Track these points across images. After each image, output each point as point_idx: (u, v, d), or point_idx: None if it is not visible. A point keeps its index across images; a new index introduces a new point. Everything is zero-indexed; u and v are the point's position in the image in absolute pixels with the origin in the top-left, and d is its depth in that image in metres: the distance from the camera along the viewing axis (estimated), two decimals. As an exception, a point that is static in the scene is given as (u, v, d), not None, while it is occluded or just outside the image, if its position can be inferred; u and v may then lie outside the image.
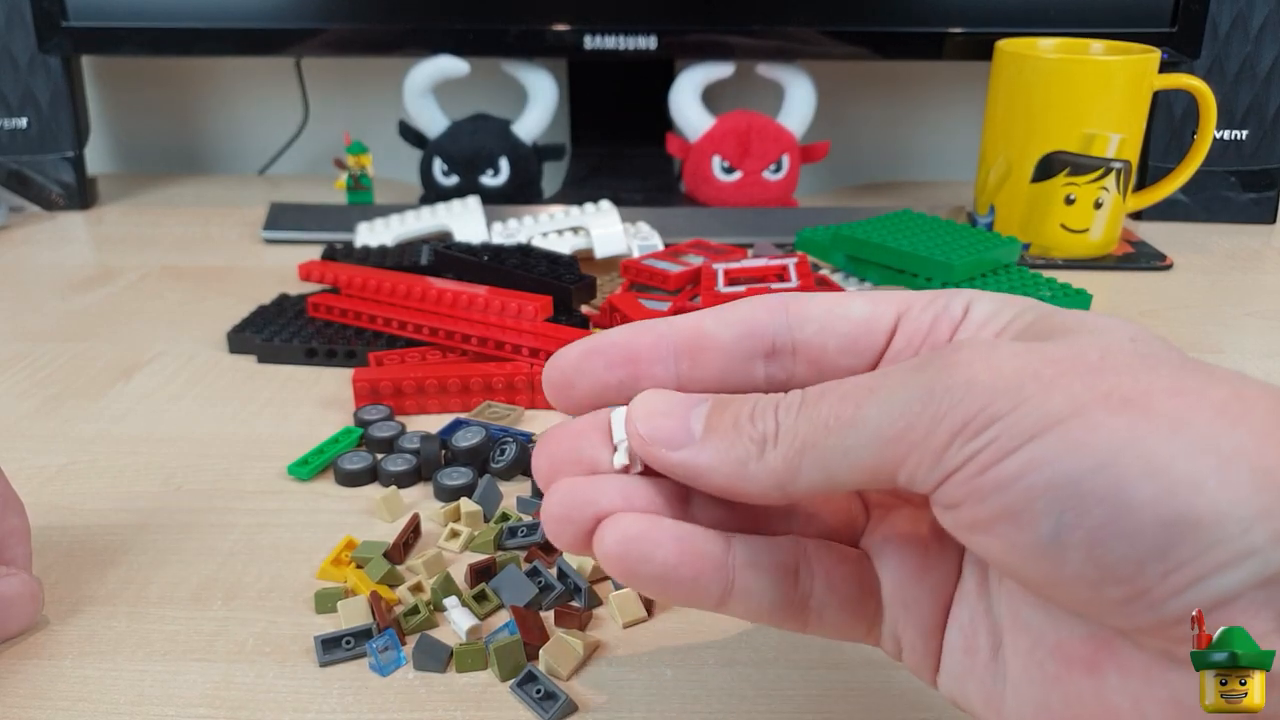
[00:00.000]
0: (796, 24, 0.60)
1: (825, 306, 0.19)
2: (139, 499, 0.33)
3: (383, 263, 0.48)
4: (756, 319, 0.19)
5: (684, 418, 0.18)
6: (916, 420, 0.15)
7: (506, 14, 0.60)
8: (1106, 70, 0.52)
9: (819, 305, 0.19)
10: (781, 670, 0.25)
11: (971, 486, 0.15)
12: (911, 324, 0.19)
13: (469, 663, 0.25)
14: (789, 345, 0.19)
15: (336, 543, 0.30)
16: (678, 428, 0.18)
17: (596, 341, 0.20)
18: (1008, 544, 0.15)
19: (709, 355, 0.19)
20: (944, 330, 0.18)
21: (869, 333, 0.19)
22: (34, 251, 0.59)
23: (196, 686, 0.25)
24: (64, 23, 0.59)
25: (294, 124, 0.75)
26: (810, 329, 0.19)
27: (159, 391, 0.41)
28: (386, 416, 0.37)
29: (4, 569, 0.26)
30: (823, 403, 0.17)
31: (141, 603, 0.28)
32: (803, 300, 0.20)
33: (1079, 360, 0.15)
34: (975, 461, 0.15)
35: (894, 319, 0.19)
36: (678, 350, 0.19)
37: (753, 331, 0.19)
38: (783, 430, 0.17)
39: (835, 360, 0.19)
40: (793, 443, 0.17)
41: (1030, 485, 0.14)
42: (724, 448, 0.17)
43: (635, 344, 0.19)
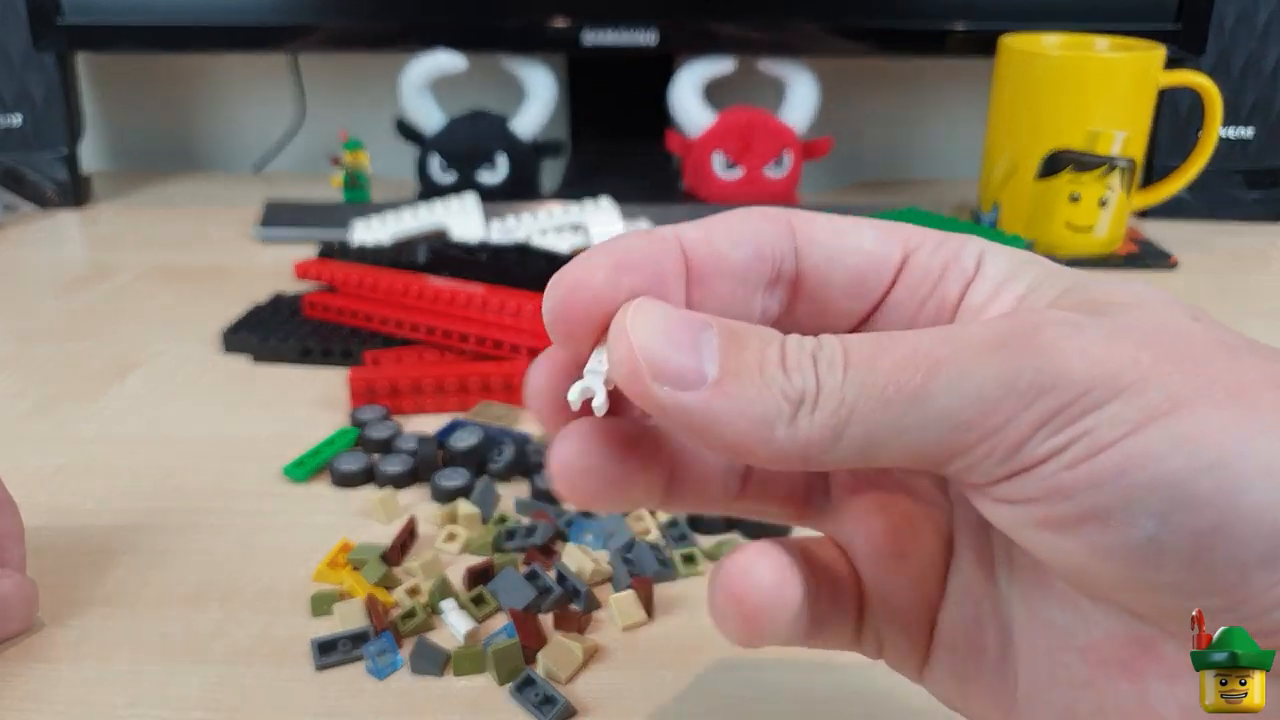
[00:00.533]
0: (799, 19, 0.59)
1: (833, 232, 0.17)
2: (134, 500, 0.33)
3: (379, 261, 0.48)
4: (764, 239, 0.16)
5: (694, 348, 0.14)
6: (996, 407, 0.13)
7: (504, 9, 0.59)
8: (1111, 67, 0.52)
9: (826, 229, 0.17)
10: (781, 673, 0.25)
11: (1055, 482, 0.13)
12: (919, 267, 0.17)
13: (467, 666, 0.25)
14: (791, 274, 0.17)
15: (333, 545, 0.30)
16: (689, 361, 0.14)
17: (621, 254, 0.15)
18: (1089, 545, 0.13)
19: (717, 281, 0.16)
20: (954, 282, 0.16)
21: (876, 270, 0.17)
22: (28, 250, 0.58)
23: (192, 689, 0.25)
24: (59, 19, 0.59)
25: (290, 121, 0.75)
26: (818, 256, 0.17)
27: (154, 391, 0.41)
28: (383, 417, 0.37)
29: None
30: (878, 366, 0.14)
31: (137, 604, 0.28)
32: (808, 220, 0.17)
33: (1170, 347, 0.13)
34: (1065, 455, 0.13)
35: (901, 257, 0.17)
36: (690, 273, 0.16)
37: (760, 254, 0.16)
38: (825, 392, 0.14)
39: (838, 300, 0.17)
40: (837, 409, 0.14)
41: (1132, 483, 0.13)
42: (748, 399, 0.14)
43: (664, 262, 0.16)
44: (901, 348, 0.14)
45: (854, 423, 0.14)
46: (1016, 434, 0.13)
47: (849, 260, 0.17)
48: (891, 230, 0.17)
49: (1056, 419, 0.13)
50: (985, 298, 0.16)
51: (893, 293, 0.17)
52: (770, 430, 0.14)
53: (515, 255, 0.48)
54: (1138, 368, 0.13)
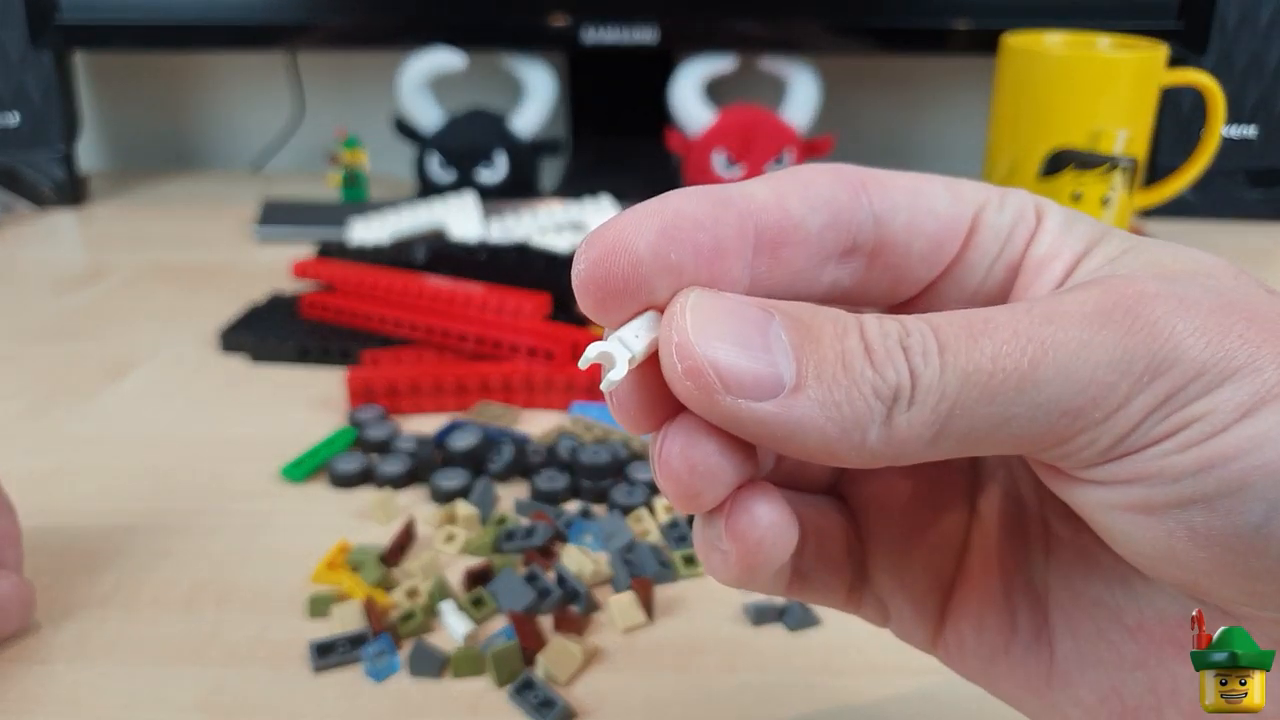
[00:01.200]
0: (800, 17, 0.59)
1: (909, 194, 0.15)
2: (131, 501, 0.33)
3: (378, 260, 0.48)
4: (841, 203, 0.15)
5: (766, 348, 0.13)
6: (1110, 391, 0.13)
7: (504, 6, 0.59)
8: (1114, 66, 0.52)
9: (902, 191, 0.15)
10: (782, 676, 0.25)
11: (1162, 465, 0.13)
12: (990, 226, 0.16)
13: (466, 668, 0.25)
14: (870, 244, 0.15)
15: (331, 546, 0.30)
16: (764, 367, 0.13)
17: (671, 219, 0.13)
18: (1188, 530, 0.13)
19: (790, 251, 0.14)
20: (1020, 238, 0.16)
21: (952, 234, 0.16)
22: (25, 249, 0.58)
23: (189, 691, 0.25)
24: (56, 18, 0.59)
25: (288, 119, 0.74)
26: (898, 223, 0.15)
27: (151, 392, 0.40)
28: (381, 417, 0.37)
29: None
30: (977, 350, 0.13)
31: (134, 606, 0.28)
32: (883, 182, 0.15)
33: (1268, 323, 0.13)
34: (1177, 438, 0.13)
35: (972, 216, 0.16)
36: (759, 241, 0.14)
37: (838, 220, 0.15)
38: (923, 385, 0.13)
39: (913, 268, 0.16)
40: (938, 404, 0.13)
41: (1245, 468, 0.12)
42: (835, 402, 0.13)
43: (721, 231, 0.14)
44: (1002, 330, 0.13)
45: (956, 416, 0.13)
46: (1128, 419, 0.13)
47: (927, 226, 0.15)
48: (959, 188, 0.16)
49: (1171, 401, 0.13)
50: (1047, 252, 0.15)
51: (965, 254, 0.16)
52: (863, 434, 0.13)
53: (514, 254, 0.48)
54: (1247, 347, 0.12)
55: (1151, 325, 0.13)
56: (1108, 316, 0.13)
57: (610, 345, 0.13)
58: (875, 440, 0.13)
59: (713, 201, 0.14)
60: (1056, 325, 0.13)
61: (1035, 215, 0.16)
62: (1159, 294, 0.13)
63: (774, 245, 0.14)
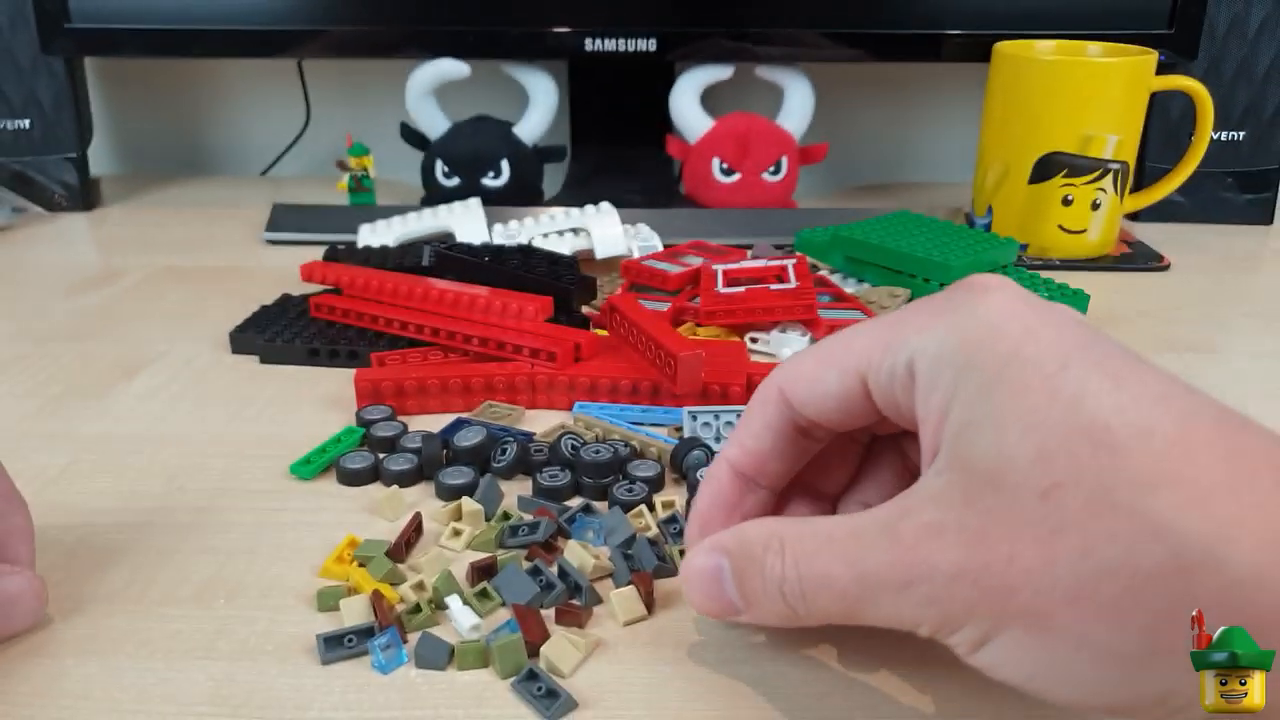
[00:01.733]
0: (795, 26, 0.60)
1: (808, 386, 0.23)
2: (141, 498, 0.33)
3: (384, 263, 0.49)
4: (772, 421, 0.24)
5: (721, 595, 0.23)
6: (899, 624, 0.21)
7: (507, 16, 0.60)
8: (1104, 72, 0.52)
9: (805, 387, 0.23)
10: (781, 667, 0.25)
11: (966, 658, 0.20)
12: (878, 390, 0.22)
13: (470, 660, 0.25)
14: (806, 424, 0.24)
15: (339, 541, 0.30)
16: (724, 605, 0.23)
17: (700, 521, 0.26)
18: None
19: (768, 464, 0.25)
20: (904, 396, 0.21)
21: (854, 402, 0.23)
22: (37, 252, 0.59)
23: (199, 685, 0.25)
24: (67, 24, 0.60)
25: (296, 125, 0.75)
26: (810, 413, 0.24)
27: (161, 391, 0.41)
28: (388, 416, 0.38)
29: (7, 567, 0.27)
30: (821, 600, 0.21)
31: (144, 601, 0.28)
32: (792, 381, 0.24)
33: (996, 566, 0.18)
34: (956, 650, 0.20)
35: (861, 385, 0.22)
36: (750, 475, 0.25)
37: (781, 439, 0.24)
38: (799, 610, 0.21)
39: (845, 423, 0.24)
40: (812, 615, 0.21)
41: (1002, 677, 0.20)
42: (771, 613, 0.22)
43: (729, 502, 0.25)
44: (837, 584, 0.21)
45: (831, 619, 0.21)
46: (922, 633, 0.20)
47: (829, 407, 0.23)
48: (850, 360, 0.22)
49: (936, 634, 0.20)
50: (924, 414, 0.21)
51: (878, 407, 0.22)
52: (790, 621, 0.22)
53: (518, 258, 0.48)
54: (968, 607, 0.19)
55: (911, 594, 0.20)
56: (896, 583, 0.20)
57: None
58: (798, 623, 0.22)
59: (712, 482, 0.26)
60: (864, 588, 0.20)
61: (907, 368, 0.21)
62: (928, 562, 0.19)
63: (757, 471, 0.25)
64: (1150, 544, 0.16)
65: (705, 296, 0.44)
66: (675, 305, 0.45)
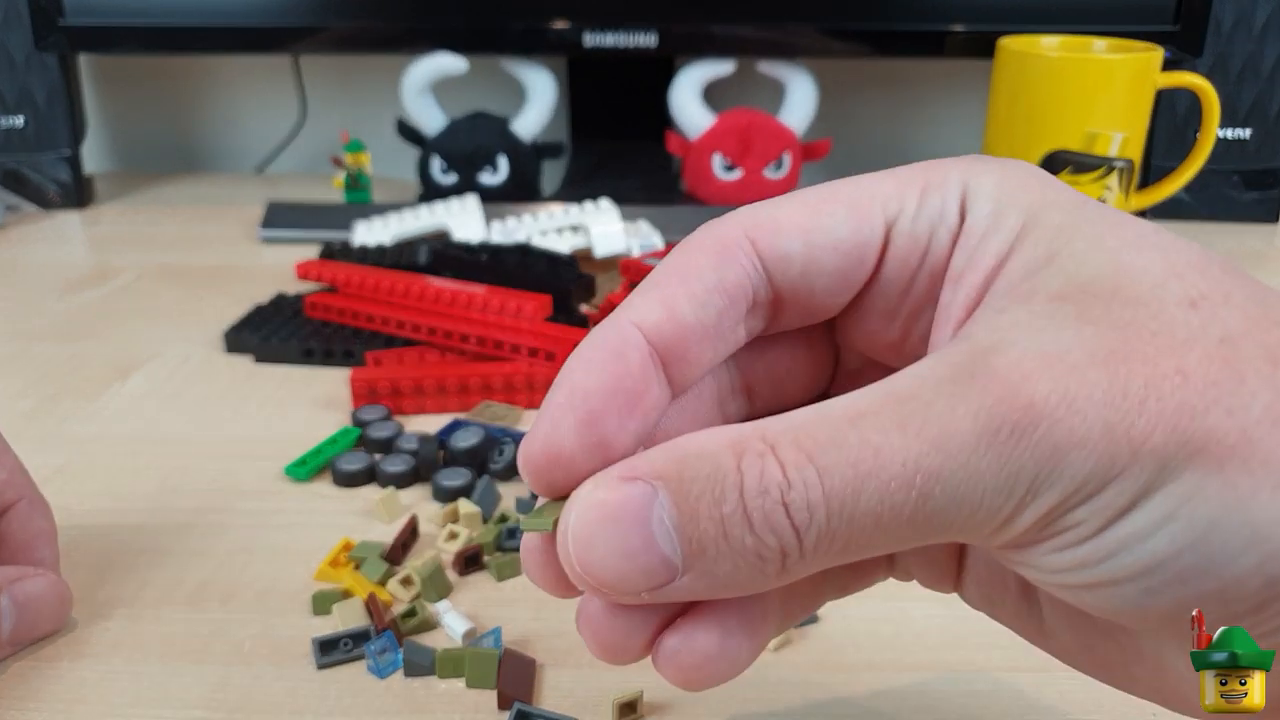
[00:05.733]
0: (798, 21, 0.60)
1: (803, 234, 0.16)
2: (136, 500, 0.33)
3: (381, 262, 0.48)
4: (729, 281, 0.15)
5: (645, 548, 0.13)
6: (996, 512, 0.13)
7: (506, 11, 0.60)
8: (1109, 68, 0.52)
9: (794, 234, 0.16)
10: (782, 673, 0.25)
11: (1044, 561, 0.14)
12: (904, 239, 0.16)
13: (450, 668, 0.25)
14: (768, 297, 0.16)
15: (334, 544, 0.30)
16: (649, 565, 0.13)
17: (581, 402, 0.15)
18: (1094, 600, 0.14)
19: (695, 350, 0.16)
20: (942, 242, 0.15)
21: (858, 260, 0.16)
22: (30, 250, 0.59)
23: (193, 688, 0.25)
24: (61, 21, 0.59)
25: (291, 122, 0.75)
26: (793, 272, 0.16)
27: (156, 391, 0.41)
28: (384, 417, 0.37)
29: (32, 570, 0.26)
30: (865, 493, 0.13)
31: (138, 604, 0.28)
32: (771, 229, 0.16)
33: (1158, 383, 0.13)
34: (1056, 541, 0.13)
35: (883, 234, 0.16)
36: (663, 359, 0.15)
37: (732, 299, 0.16)
38: (808, 539, 0.13)
39: (823, 301, 0.16)
40: (829, 547, 0.13)
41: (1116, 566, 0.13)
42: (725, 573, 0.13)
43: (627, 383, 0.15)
44: (891, 465, 0.13)
45: (852, 549, 0.13)
46: (1011, 532, 0.13)
47: (827, 264, 0.16)
48: (869, 200, 0.16)
49: (1052, 513, 0.13)
50: (967, 261, 0.15)
51: (883, 269, 0.16)
52: (763, 583, 0.14)
53: (516, 256, 0.48)
54: (1130, 445, 0.13)
55: (1035, 446, 0.13)
56: (995, 436, 0.13)
57: None
58: (776, 582, 0.14)
59: (611, 355, 0.15)
60: (945, 454, 0.13)
61: (959, 208, 0.15)
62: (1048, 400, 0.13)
63: (678, 355, 0.15)
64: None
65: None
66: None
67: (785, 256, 0.16)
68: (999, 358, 0.13)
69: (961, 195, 0.15)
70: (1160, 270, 0.14)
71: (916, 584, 0.19)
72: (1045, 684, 0.25)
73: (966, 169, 0.16)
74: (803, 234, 0.16)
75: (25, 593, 0.26)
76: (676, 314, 0.15)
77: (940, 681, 0.25)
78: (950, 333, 0.15)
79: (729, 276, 0.16)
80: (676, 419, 0.17)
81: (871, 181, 0.16)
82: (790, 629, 0.26)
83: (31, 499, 0.28)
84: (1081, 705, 0.24)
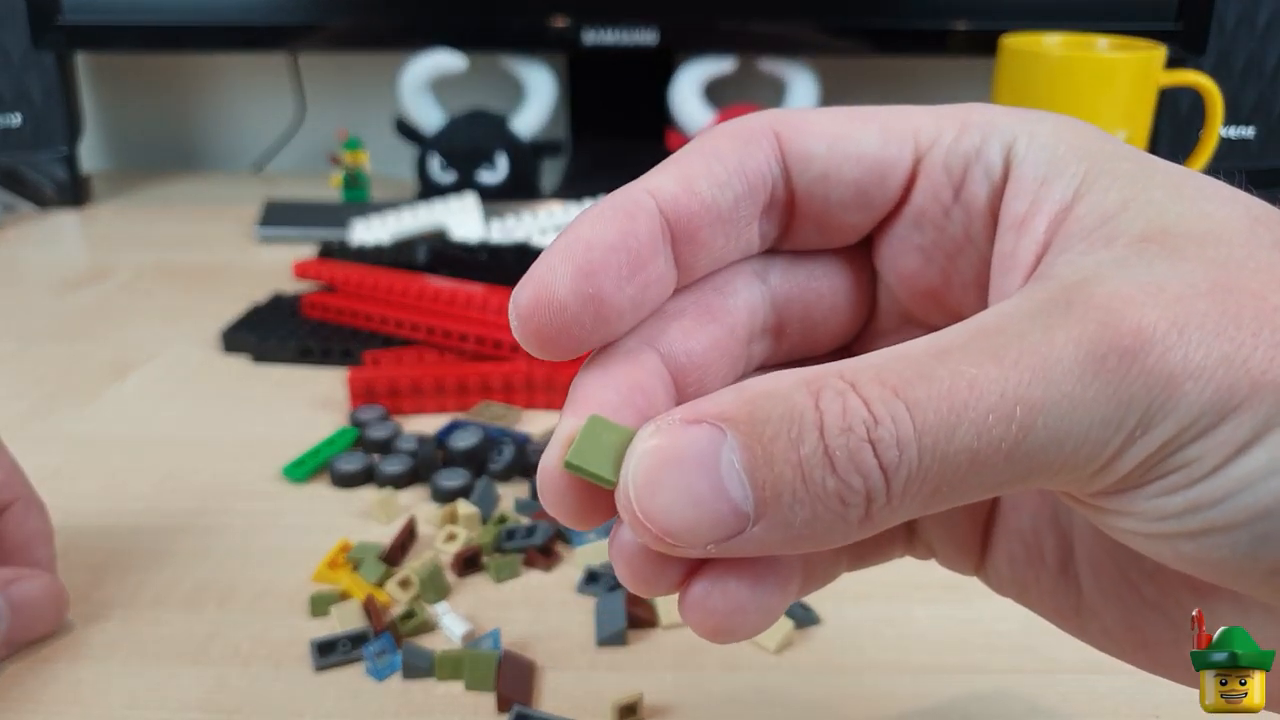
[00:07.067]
0: (798, 18, 0.59)
1: (829, 139, 0.15)
2: (132, 500, 0.33)
3: (379, 261, 0.48)
4: (751, 168, 0.15)
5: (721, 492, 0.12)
6: (1103, 447, 0.12)
7: (504, 8, 0.59)
8: (1111, 67, 0.52)
9: (819, 138, 0.15)
10: (784, 675, 0.25)
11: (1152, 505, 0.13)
12: (935, 170, 0.15)
13: (449, 670, 0.25)
14: (785, 197, 0.15)
15: (332, 545, 0.30)
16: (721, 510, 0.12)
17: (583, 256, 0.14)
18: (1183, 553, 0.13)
19: (708, 233, 0.15)
20: (979, 184, 0.15)
21: (882, 180, 0.15)
22: (27, 249, 0.58)
23: (190, 690, 0.25)
24: (59, 19, 0.59)
25: (289, 120, 0.75)
26: (812, 173, 0.15)
27: (153, 391, 0.41)
28: (383, 417, 0.37)
29: (28, 571, 0.26)
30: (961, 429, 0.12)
31: (135, 605, 0.28)
32: (798, 128, 0.15)
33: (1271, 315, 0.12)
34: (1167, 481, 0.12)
35: (912, 160, 0.15)
36: (674, 234, 0.15)
37: (751, 187, 0.15)
38: (899, 479, 0.12)
39: (839, 215, 0.16)
40: (919, 491, 0.12)
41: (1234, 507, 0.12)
42: (803, 522, 0.12)
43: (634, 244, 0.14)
44: (988, 397, 0.12)
45: (943, 492, 0.12)
46: (1119, 470, 0.13)
47: (847, 173, 0.15)
48: (902, 124, 0.15)
49: (1164, 449, 0.12)
50: (1027, 208, 0.14)
51: (911, 199, 0.15)
52: (844, 534, 0.13)
53: (514, 255, 0.48)
54: (1248, 376, 0.12)
55: (1147, 374, 0.12)
56: (1101, 364, 0.12)
57: None
58: (860, 530, 0.13)
59: (621, 214, 0.14)
60: (1047, 383, 0.12)
61: (1003, 157, 0.15)
62: (1156, 326, 0.12)
63: (690, 233, 0.15)
64: None
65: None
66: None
67: (808, 156, 0.15)
68: (1097, 287, 0.12)
69: (1008, 141, 0.15)
70: (1243, 217, 0.13)
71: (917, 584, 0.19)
72: (1046, 685, 0.24)
73: (1018, 117, 0.15)
74: (828, 139, 0.15)
75: (21, 594, 0.26)
76: (693, 188, 0.15)
77: (942, 683, 0.25)
78: (1020, 280, 0.14)
79: (749, 164, 0.15)
80: (701, 349, 0.16)
81: (911, 111, 0.16)
82: (791, 630, 0.26)
83: (28, 499, 0.28)
84: (1082, 706, 0.24)
